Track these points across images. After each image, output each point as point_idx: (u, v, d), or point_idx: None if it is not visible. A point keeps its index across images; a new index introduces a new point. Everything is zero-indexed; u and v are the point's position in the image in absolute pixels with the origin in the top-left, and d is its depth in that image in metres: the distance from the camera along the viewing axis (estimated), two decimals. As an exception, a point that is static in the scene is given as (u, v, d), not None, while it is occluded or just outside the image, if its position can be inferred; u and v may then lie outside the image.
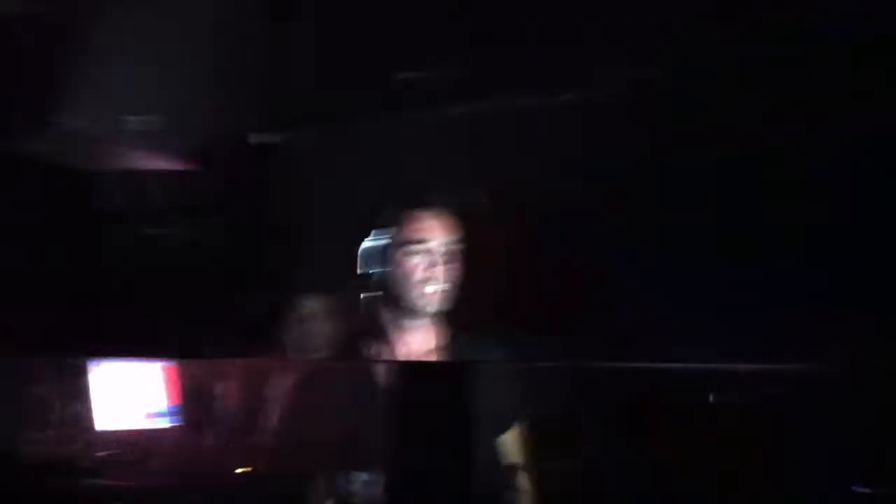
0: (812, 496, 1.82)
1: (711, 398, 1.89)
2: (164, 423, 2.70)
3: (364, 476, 1.91)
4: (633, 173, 2.12)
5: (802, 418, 1.82)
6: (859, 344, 1.80)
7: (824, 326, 1.86)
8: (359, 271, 1.92)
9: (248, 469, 2.56)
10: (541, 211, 2.22)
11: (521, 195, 2.22)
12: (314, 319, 2.47)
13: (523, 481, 1.86)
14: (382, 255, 1.86)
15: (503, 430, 1.86)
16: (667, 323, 2.01)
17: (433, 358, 1.87)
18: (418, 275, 1.79)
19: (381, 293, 1.87)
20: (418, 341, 1.85)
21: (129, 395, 2.67)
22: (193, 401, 2.77)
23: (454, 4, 2.04)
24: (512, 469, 1.85)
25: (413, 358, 1.86)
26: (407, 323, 1.83)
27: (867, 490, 1.76)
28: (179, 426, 2.70)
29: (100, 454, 2.59)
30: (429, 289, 1.79)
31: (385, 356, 1.88)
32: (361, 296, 1.94)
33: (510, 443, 1.87)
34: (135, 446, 2.62)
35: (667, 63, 2.07)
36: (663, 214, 2.12)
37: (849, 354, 1.78)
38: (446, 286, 1.81)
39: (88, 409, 2.63)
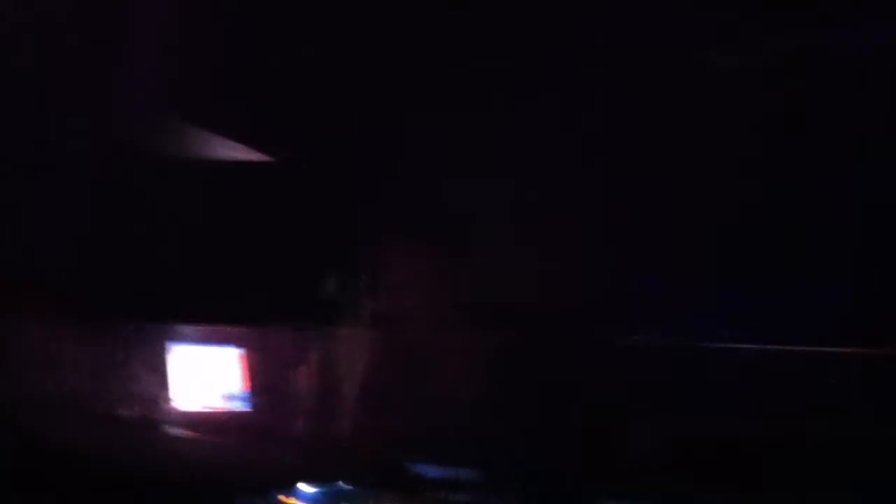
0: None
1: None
2: (240, 406, 2.78)
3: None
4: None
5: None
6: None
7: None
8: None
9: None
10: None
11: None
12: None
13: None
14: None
15: None
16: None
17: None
18: None
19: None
20: None
21: (207, 377, 2.74)
22: (268, 385, 2.88)
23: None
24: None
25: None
26: None
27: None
28: (255, 409, 2.79)
29: (176, 430, 2.64)
30: None
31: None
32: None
33: None
34: (210, 425, 2.68)
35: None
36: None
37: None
38: None
39: (167, 387, 2.67)
